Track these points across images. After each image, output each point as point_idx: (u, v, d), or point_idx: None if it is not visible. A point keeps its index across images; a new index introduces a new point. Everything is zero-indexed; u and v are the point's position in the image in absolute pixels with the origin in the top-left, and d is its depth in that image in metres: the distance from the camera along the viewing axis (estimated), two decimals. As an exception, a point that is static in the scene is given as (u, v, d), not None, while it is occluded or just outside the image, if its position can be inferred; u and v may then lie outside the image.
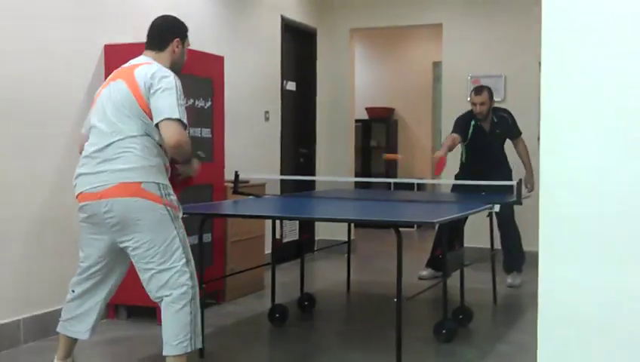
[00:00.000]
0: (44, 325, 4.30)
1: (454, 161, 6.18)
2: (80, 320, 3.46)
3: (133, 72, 3.34)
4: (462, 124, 6.18)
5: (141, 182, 3.21)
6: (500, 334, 4.56)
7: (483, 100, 5.97)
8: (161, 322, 4.21)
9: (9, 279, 4.12)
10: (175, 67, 3.49)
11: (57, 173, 4.41)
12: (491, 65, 7.39)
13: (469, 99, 6.14)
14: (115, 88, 3.34)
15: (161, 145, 3.31)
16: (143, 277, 3.31)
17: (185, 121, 3.25)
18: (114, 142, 3.26)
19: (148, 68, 3.33)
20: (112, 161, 3.24)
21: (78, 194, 3.34)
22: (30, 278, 4.26)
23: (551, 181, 2.20)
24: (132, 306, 4.72)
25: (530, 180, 6.00)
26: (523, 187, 4.98)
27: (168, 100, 3.23)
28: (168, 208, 3.26)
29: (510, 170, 6.12)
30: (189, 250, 3.35)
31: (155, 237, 3.24)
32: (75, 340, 3.53)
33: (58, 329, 3.52)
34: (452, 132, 6.10)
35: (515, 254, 6.06)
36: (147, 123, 3.28)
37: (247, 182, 5.46)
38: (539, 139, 7.14)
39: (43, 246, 4.33)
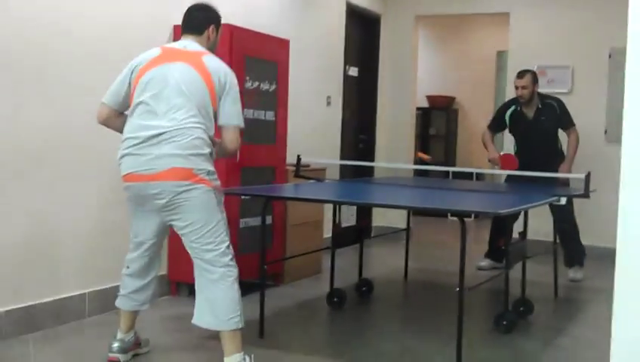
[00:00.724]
0: (108, 299, 4.40)
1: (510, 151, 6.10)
2: (140, 293, 3.57)
3: (202, 60, 3.37)
4: (497, 114, 6.17)
5: (192, 168, 3.26)
6: (560, 328, 4.49)
7: (525, 83, 5.85)
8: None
9: (75, 254, 4.23)
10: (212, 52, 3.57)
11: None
12: (559, 55, 7.25)
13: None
14: (180, 71, 3.32)
15: (210, 135, 3.38)
16: (192, 253, 3.36)
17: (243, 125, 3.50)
18: (169, 128, 3.26)
19: (218, 61, 3.42)
20: (166, 146, 3.24)
21: (125, 175, 3.35)
22: (95, 254, 4.36)
23: (633, 176, 2.12)
24: (193, 284, 4.78)
25: (564, 170, 5.79)
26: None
27: (238, 106, 3.44)
28: (215, 192, 3.33)
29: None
30: (229, 234, 3.41)
31: (202, 218, 3.30)
32: (136, 313, 3.62)
33: (117, 304, 3.61)
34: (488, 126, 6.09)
35: (575, 248, 5.95)
36: (206, 113, 3.34)
37: (308, 166, 5.48)
38: (606, 131, 7.05)
39: (111, 221, 4.42)
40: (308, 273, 5.62)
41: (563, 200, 4.54)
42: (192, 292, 4.79)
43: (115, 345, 3.55)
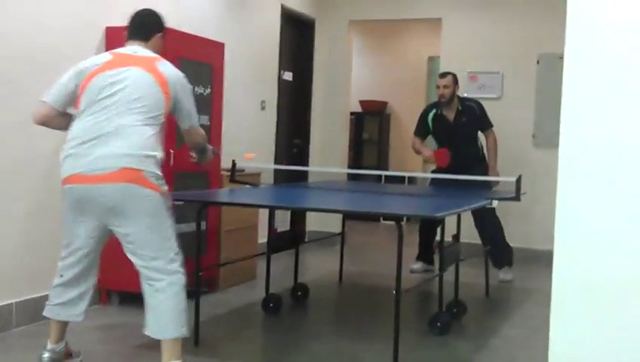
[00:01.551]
0: (37, 309, 4.26)
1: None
2: (73, 304, 3.41)
3: (156, 66, 3.37)
4: (420, 119, 6.28)
5: (142, 171, 3.20)
6: (493, 328, 4.58)
7: (447, 83, 6.00)
8: None
9: (1, 263, 4.08)
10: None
11: (55, 154, 4.35)
12: (489, 61, 7.39)
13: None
14: (135, 75, 3.30)
15: (159, 139, 3.36)
16: (137, 262, 3.29)
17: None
18: (121, 126, 3.21)
19: (172, 67, 3.46)
20: (115, 144, 3.19)
21: (67, 177, 3.23)
22: (22, 262, 4.21)
23: (569, 176, 2.17)
24: (124, 292, 4.68)
25: (494, 173, 5.92)
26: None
27: (193, 107, 3.53)
28: (163, 197, 3.28)
29: (487, 166, 6.09)
30: (176, 239, 3.36)
31: (151, 224, 3.24)
32: (66, 323, 3.48)
33: (46, 314, 3.45)
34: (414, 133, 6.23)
35: (502, 249, 6.06)
36: (159, 117, 3.33)
37: (242, 170, 5.43)
38: (534, 136, 7.22)
39: (36, 229, 4.28)
40: (243, 279, 5.57)
41: (495, 203, 4.61)
42: (122, 301, 4.72)
43: (46, 355, 3.43)
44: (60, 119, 3.39)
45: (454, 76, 6.08)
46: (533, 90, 7.21)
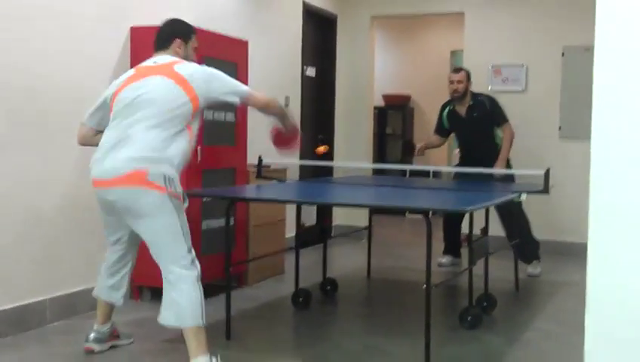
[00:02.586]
0: (70, 305, 4.32)
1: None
2: (114, 289, 3.72)
3: (174, 69, 3.49)
4: (438, 117, 6.32)
5: (146, 173, 3.29)
6: (524, 321, 4.55)
7: (460, 78, 6.02)
8: None
9: (34, 260, 4.13)
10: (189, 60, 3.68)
11: (78, 155, 4.40)
12: (513, 54, 7.35)
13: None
14: (154, 83, 3.45)
15: (177, 140, 3.41)
16: (154, 258, 3.45)
17: (249, 88, 3.70)
18: (131, 132, 3.36)
19: (189, 64, 3.56)
20: (125, 148, 3.34)
21: (92, 181, 3.47)
22: (55, 259, 4.26)
23: (601, 171, 2.15)
24: (155, 288, 4.71)
25: (499, 166, 5.80)
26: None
27: (230, 82, 3.57)
28: (172, 198, 3.34)
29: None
30: (190, 238, 3.44)
31: (159, 224, 3.34)
32: (112, 306, 3.76)
33: (95, 293, 3.77)
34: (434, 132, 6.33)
35: (529, 243, 6.03)
36: (176, 118, 3.39)
37: (268, 166, 5.45)
38: (560, 128, 7.16)
39: (67, 227, 4.33)
40: (271, 274, 5.59)
41: (524, 196, 4.59)
42: (154, 296, 4.75)
43: (92, 335, 3.70)
44: (97, 138, 3.58)
45: (467, 72, 6.11)
46: (558, 82, 7.15)
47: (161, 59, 3.59)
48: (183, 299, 3.33)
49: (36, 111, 4.11)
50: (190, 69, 3.51)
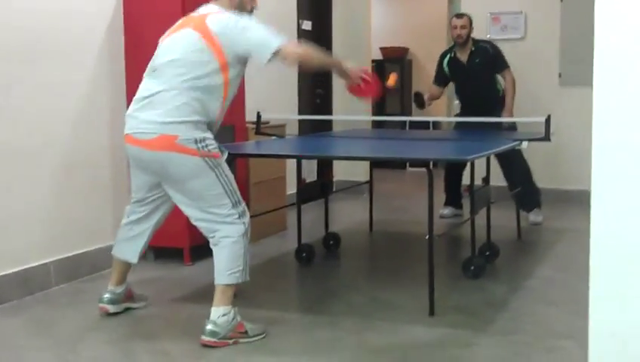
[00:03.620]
0: (75, 267, 4.32)
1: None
2: (131, 243, 3.64)
3: (205, 23, 3.33)
4: (437, 66, 6.25)
5: (177, 137, 3.23)
6: (526, 269, 4.57)
7: (464, 23, 5.95)
8: (189, 262, 4.34)
9: (37, 222, 4.12)
10: (245, 9, 3.48)
11: (80, 112, 4.38)
12: (511, 1, 7.23)
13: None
14: (181, 36, 3.34)
15: (207, 100, 3.31)
16: (190, 217, 3.42)
17: (284, 41, 3.30)
18: (160, 91, 3.29)
19: (220, 16, 3.34)
20: (155, 110, 3.28)
21: (125, 136, 3.41)
22: (57, 221, 4.25)
23: (604, 114, 2.12)
24: (159, 247, 4.71)
25: (507, 115, 5.82)
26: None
27: (261, 32, 3.30)
28: (206, 158, 3.28)
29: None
30: (237, 191, 3.39)
31: (197, 187, 3.30)
32: (128, 265, 3.70)
33: (113, 252, 3.71)
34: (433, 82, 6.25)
35: (531, 191, 6.01)
36: (202, 76, 3.26)
37: (267, 122, 5.41)
38: (560, 75, 7.10)
39: (70, 188, 4.32)
40: (273, 230, 5.59)
41: (525, 144, 4.57)
42: (157, 256, 4.76)
43: (106, 296, 3.66)
44: None
45: (470, 17, 6.03)
46: (557, 28, 7.05)
47: (206, 9, 3.41)
48: (222, 256, 3.33)
49: (28, 64, 4.05)
50: (222, 22, 3.30)
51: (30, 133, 4.05)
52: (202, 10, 3.44)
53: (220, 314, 3.29)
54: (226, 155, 3.43)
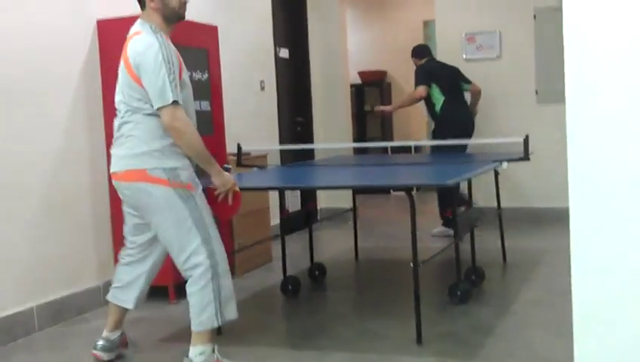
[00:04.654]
0: (58, 310, 4.27)
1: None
2: (125, 288, 3.54)
3: (127, 47, 3.27)
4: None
5: (146, 169, 3.21)
6: (512, 292, 4.56)
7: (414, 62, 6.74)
8: (174, 299, 4.31)
9: (18, 266, 4.07)
10: (170, 18, 3.30)
11: (59, 154, 4.35)
12: (485, 21, 7.30)
13: None
14: (120, 70, 3.32)
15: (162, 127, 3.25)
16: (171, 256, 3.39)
17: (177, 98, 3.13)
18: (121, 124, 3.29)
19: (134, 41, 3.22)
20: (120, 145, 3.29)
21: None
22: (40, 264, 4.20)
23: (578, 130, 2.12)
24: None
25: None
26: None
27: (159, 82, 3.11)
28: (178, 189, 3.22)
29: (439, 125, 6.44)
30: (209, 227, 3.30)
31: (166, 219, 3.24)
32: (124, 311, 3.60)
33: (108, 297, 3.61)
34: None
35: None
36: (147, 105, 3.21)
37: (248, 154, 5.40)
38: (537, 92, 7.15)
39: (51, 229, 4.27)
40: (259, 263, 5.56)
41: (505, 165, 4.58)
42: (149, 295, 4.69)
43: (100, 343, 3.54)
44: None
45: (411, 51, 6.76)
46: (532, 45, 7.12)
47: (133, 28, 3.30)
48: (193, 302, 3.27)
49: (4, 109, 4.02)
50: (135, 46, 3.18)
51: (9, 175, 4.01)
52: (132, 29, 3.32)
53: (197, 352, 3.27)
54: (199, 190, 3.32)
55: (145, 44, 3.18)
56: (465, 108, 6.52)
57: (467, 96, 6.63)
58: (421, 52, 6.72)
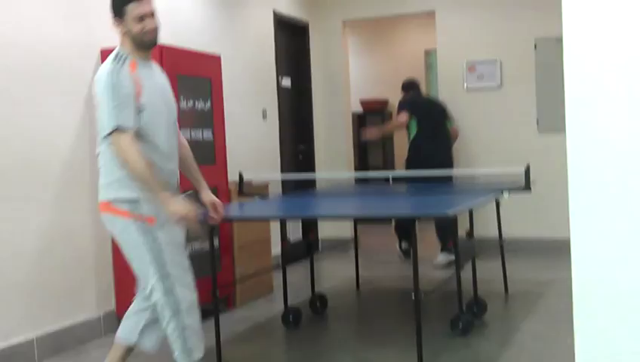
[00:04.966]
0: (59, 341, 4.24)
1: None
2: (129, 320, 3.42)
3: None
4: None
5: (110, 202, 3.17)
6: (514, 324, 4.53)
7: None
8: None
9: (19, 297, 4.06)
10: (139, 44, 3.20)
11: (60, 184, 4.35)
12: (486, 50, 7.34)
13: None
14: None
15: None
16: None
17: (122, 123, 3.02)
18: (98, 155, 3.25)
19: (104, 65, 3.17)
20: (100, 176, 3.25)
21: None
22: (40, 295, 4.19)
23: (579, 159, 2.11)
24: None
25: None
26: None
27: (103, 110, 3.07)
28: (138, 222, 3.13)
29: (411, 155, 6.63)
30: (168, 263, 3.15)
31: (129, 253, 3.21)
32: (128, 352, 3.45)
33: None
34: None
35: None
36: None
37: (250, 182, 5.40)
38: (538, 121, 7.17)
39: (51, 260, 4.26)
40: (260, 293, 5.52)
41: (506, 195, 4.58)
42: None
43: None
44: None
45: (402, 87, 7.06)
46: (532, 75, 7.15)
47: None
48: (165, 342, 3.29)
49: (11, 151, 4.03)
50: (99, 72, 3.15)
51: (10, 206, 4.02)
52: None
53: None
54: (162, 223, 3.14)
55: (99, 73, 3.15)
56: (440, 145, 6.60)
57: None
58: (407, 86, 7.09)
